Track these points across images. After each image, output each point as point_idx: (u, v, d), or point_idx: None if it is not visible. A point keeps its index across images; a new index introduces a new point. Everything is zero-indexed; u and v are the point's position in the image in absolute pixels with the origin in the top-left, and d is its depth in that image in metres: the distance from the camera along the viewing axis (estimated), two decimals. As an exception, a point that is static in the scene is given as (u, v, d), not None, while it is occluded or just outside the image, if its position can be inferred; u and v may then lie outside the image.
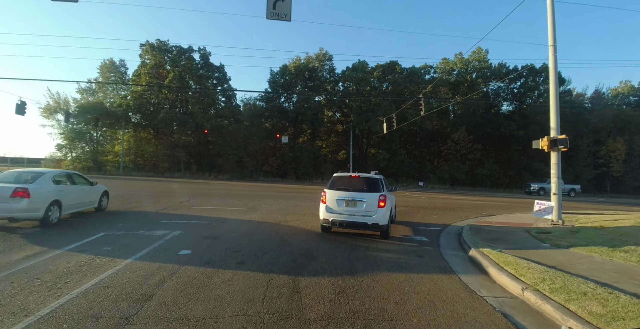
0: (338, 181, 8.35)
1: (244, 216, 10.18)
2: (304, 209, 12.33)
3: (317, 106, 43.41)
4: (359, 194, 7.79)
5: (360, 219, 7.55)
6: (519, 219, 12.35)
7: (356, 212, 7.64)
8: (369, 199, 7.64)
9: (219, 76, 45.54)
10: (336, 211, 7.80)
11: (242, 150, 42.56)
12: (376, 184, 8.06)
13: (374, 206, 7.56)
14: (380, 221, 7.50)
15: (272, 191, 21.23)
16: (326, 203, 7.99)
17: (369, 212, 7.55)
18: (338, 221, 7.68)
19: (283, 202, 14.60)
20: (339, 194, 7.89)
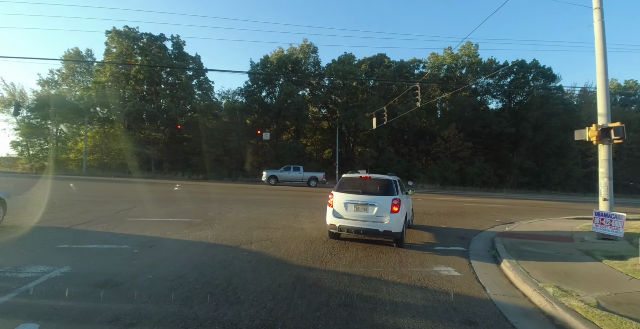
0: (347, 182, 7.49)
1: (192, 234, 7.25)
2: (279, 220, 9.51)
3: (301, 100, 40.53)
4: (369, 198, 6.90)
5: (370, 226, 6.68)
6: (545, 227, 9.92)
7: (366, 217, 6.79)
8: (380, 203, 6.77)
9: (194, 66, 42.04)
10: (344, 216, 6.96)
11: (220, 148, 39.29)
12: (389, 187, 7.05)
13: (386, 211, 6.68)
14: (393, 228, 6.56)
15: (248, 194, 18.28)
16: (333, 207, 7.14)
17: (381, 218, 6.68)
18: (346, 226, 6.83)
19: (256, 209, 11.72)
20: (348, 197, 7.04)
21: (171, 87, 41.19)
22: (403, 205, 6.99)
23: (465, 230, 9.60)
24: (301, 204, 13.56)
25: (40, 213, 8.95)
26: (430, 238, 8.18)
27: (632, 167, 44.93)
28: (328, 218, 7.17)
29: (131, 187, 19.65)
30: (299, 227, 8.42)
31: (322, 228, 8.42)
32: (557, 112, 42.56)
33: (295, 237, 7.19)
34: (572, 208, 18.51)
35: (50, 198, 12.06)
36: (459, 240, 8.07)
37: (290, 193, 20.05)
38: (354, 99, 41.90)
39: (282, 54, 41.72)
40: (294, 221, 9.29)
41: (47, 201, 11.36)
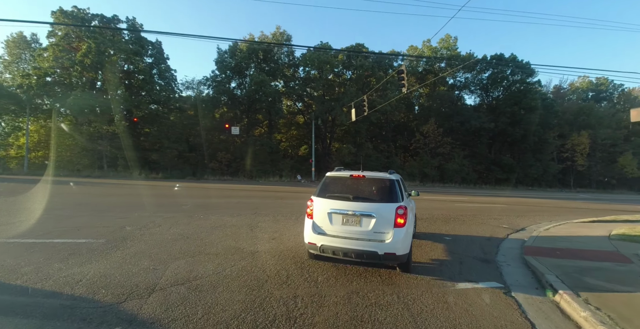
0: (332, 184, 5.28)
1: (59, 273, 4.34)
2: (224, 238, 6.72)
3: (274, 92, 37.41)
4: (364, 206, 4.77)
5: (365, 247, 4.52)
6: (567, 232, 7.74)
7: (360, 234, 4.65)
8: (380, 213, 4.66)
9: (154, 54, 37.91)
10: (328, 232, 4.81)
11: (184, 143, 35.55)
12: (391, 190, 4.94)
13: (388, 225, 4.59)
14: (398, 249, 4.45)
15: (206, 195, 15.23)
16: (313, 219, 4.97)
17: (380, 235, 4.56)
18: (331, 247, 4.65)
19: (202, 218, 8.86)
20: (333, 205, 4.88)
21: (126, 75, 36.88)
22: (410, 215, 4.96)
23: (476, 241, 7.23)
24: (267, 209, 10.79)
25: None
26: (440, 255, 5.70)
27: (605, 162, 45.32)
28: (306, 234, 4.96)
29: (61, 189, 16.05)
30: (250, 251, 5.66)
31: (284, 251, 5.73)
32: (535, 107, 41.99)
33: (236, 275, 4.44)
34: (571, 207, 16.90)
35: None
36: (480, 263, 5.63)
37: (260, 194, 17.17)
38: (330, 92, 39.33)
39: (253, 41, 38.38)
40: (245, 239, 6.53)
41: None
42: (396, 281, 4.45)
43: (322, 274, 4.57)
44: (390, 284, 4.34)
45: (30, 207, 9.74)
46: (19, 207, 9.73)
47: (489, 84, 46.57)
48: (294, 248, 5.91)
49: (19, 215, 8.36)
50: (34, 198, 11.84)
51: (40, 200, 11.28)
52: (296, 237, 6.76)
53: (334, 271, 4.74)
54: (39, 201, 10.94)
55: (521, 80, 44.74)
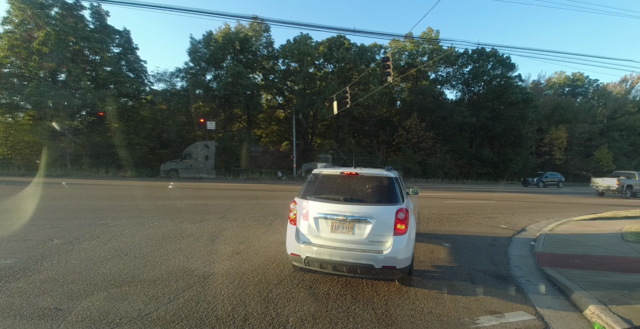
0: (320, 183, 4.31)
1: None
2: (174, 253, 5.33)
3: (252, 85, 35.61)
4: (358, 209, 3.83)
5: (359, 259, 3.63)
6: (574, 232, 6.83)
7: (353, 243, 3.76)
8: (377, 218, 3.75)
9: (122, 43, 35.29)
10: (315, 241, 3.89)
11: (155, 139, 33.30)
12: (390, 190, 3.96)
13: (386, 232, 3.71)
14: (399, 262, 3.59)
15: (169, 196, 13.62)
16: (297, 225, 4.08)
17: (378, 245, 3.70)
18: (318, 260, 3.75)
19: (155, 224, 7.42)
20: (321, 209, 3.94)
21: (91, 66, 34.16)
22: (412, 219, 4.17)
23: (480, 248, 6.16)
24: (237, 212, 9.41)
25: None
26: (445, 270, 4.55)
27: (581, 156, 46.24)
28: (289, 244, 4.10)
29: (3, 191, 14.00)
30: (202, 274, 4.30)
31: (247, 273, 4.42)
32: (515, 102, 42.16)
33: (171, 318, 3.09)
34: (562, 202, 16.38)
35: None
36: (494, 280, 4.53)
37: (234, 193, 15.68)
38: (312, 86, 37.94)
39: (229, 31, 36.34)
40: (200, 255, 5.17)
41: None
42: (397, 319, 3.23)
43: (294, 313, 3.29)
44: (390, 324, 3.12)
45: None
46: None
47: (470, 78, 46.48)
48: (260, 267, 4.61)
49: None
50: None
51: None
52: (266, 250, 5.46)
53: (310, 305, 3.47)
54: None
55: (502, 74, 44.83)
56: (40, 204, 10.29)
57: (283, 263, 4.78)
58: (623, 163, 44.86)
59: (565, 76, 55.39)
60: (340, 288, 3.90)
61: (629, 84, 54.16)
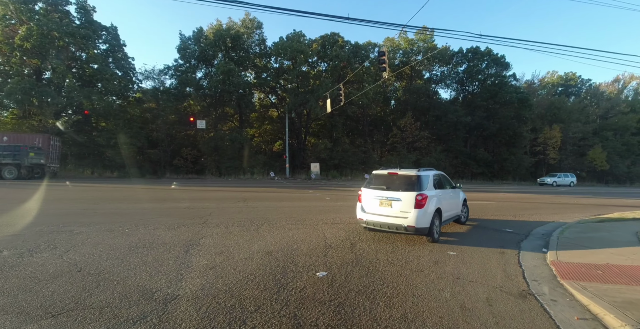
0: (375, 178, 7.31)
1: None
2: (138, 272, 4.58)
3: (244, 84, 34.75)
4: (394, 194, 6.67)
5: (394, 221, 6.49)
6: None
7: (390, 213, 6.60)
8: (405, 198, 6.49)
9: (109, 39, 34.17)
10: (370, 211, 6.90)
11: (144, 138, 32.25)
12: (415, 182, 6.63)
13: (410, 207, 6.38)
14: (417, 224, 6.24)
15: (152, 198, 12.80)
16: (362, 202, 7.14)
17: (405, 214, 6.39)
18: (372, 221, 6.81)
19: (126, 232, 6.68)
20: (374, 193, 6.93)
21: (76, 63, 33.03)
22: (432, 201, 6.59)
23: (490, 257, 5.51)
24: (221, 216, 8.66)
25: None
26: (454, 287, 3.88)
27: (575, 155, 46.19)
28: (357, 213, 7.16)
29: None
30: (163, 297, 3.53)
31: (219, 295, 3.71)
32: (511, 101, 41.88)
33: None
34: (561, 203, 15.89)
35: None
36: (514, 300, 3.86)
37: (222, 194, 14.88)
38: (305, 84, 37.15)
39: (221, 27, 35.40)
40: (168, 270, 4.41)
41: None
42: None
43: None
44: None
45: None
46: None
47: (464, 77, 46.14)
48: (237, 286, 3.87)
49: None
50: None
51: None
52: (247, 263, 4.73)
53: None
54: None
55: (496, 74, 44.58)
56: (7, 207, 9.42)
57: (265, 280, 4.07)
58: (617, 162, 44.97)
59: (558, 76, 55.46)
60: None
61: (621, 83, 54.42)
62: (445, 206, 7.26)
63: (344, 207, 11.21)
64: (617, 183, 46.99)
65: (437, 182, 7.32)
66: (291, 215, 9.05)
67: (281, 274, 4.23)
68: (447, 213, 7.38)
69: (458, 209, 8.42)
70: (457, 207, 8.35)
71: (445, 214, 7.24)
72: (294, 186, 22.58)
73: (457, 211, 8.39)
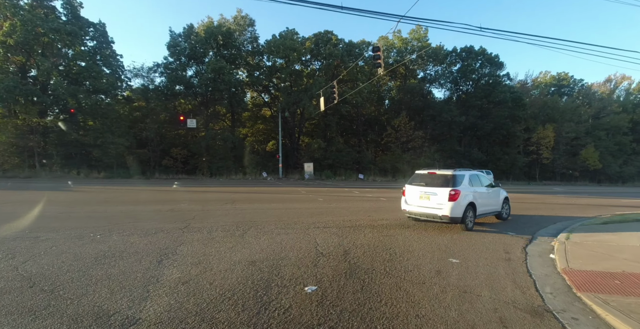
0: (417, 177, 8.67)
1: None
2: (99, 288, 4.00)
3: (236, 82, 34.07)
4: (431, 189, 7.96)
5: (431, 211, 7.88)
6: (594, 241, 5.80)
7: (429, 205, 7.94)
8: (440, 193, 7.75)
9: (96, 36, 33.23)
10: (412, 204, 8.31)
11: (132, 138, 31.38)
12: (450, 180, 7.91)
13: (444, 200, 7.66)
14: (451, 213, 7.54)
15: (134, 200, 12.15)
16: (405, 196, 8.55)
17: (440, 205, 7.69)
18: (413, 212, 8.29)
19: (97, 238, 6.10)
20: (415, 189, 8.28)
21: (63, 60, 32.03)
22: (465, 196, 7.74)
23: (497, 265, 5.04)
24: (205, 220, 8.08)
25: None
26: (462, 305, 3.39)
27: (568, 155, 46.31)
28: (402, 205, 8.60)
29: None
30: (122, 323, 2.92)
31: (188, 319, 3.14)
32: (505, 100, 41.81)
33: None
34: (560, 203, 15.60)
35: None
36: (530, 318, 3.38)
37: (210, 196, 14.27)
38: (298, 83, 36.60)
39: (212, 24, 34.66)
40: (134, 285, 3.86)
41: None
42: None
43: None
44: None
45: None
46: None
47: (459, 77, 45.96)
48: (210, 306, 3.31)
49: None
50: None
51: None
52: (226, 275, 4.18)
53: None
54: None
55: (490, 73, 44.50)
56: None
57: (245, 297, 3.53)
58: (609, 162, 45.19)
59: (551, 76, 55.68)
60: None
61: (613, 83, 54.81)
62: (480, 201, 8.34)
63: (338, 209, 10.70)
64: (609, 183, 47.27)
65: (473, 181, 8.47)
66: (281, 218, 8.51)
67: (264, 290, 3.69)
68: (482, 208, 8.46)
69: (497, 206, 9.39)
70: (497, 203, 9.33)
71: (481, 208, 8.37)
72: (286, 187, 22.04)
73: (497, 207, 9.36)
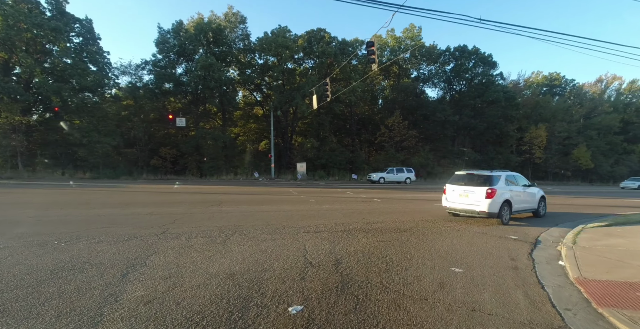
0: (457, 177, 9.58)
1: None
2: (45, 309, 3.44)
3: (227, 80, 33.35)
4: (470, 187, 8.88)
5: (470, 207, 8.81)
6: (604, 245, 5.37)
7: (467, 201, 8.88)
8: (478, 191, 8.67)
9: (83, 32, 32.22)
10: (452, 201, 9.27)
11: (119, 137, 30.46)
12: (487, 180, 8.83)
13: (482, 197, 8.56)
14: (487, 209, 8.45)
15: (116, 203, 11.46)
16: (446, 194, 9.48)
17: (478, 202, 8.62)
18: (453, 208, 9.28)
19: (62, 246, 5.52)
20: (455, 187, 9.22)
21: (47, 57, 30.99)
22: (501, 194, 8.64)
23: (504, 276, 4.57)
24: (186, 224, 7.48)
25: None
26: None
27: (560, 155, 46.47)
28: (442, 202, 9.57)
29: None
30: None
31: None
32: (498, 100, 41.74)
33: None
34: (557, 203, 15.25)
35: None
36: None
37: (196, 197, 13.64)
38: (291, 81, 36.04)
39: (202, 21, 33.86)
40: (83, 308, 3.26)
41: None
42: None
43: None
44: None
45: None
46: None
47: (452, 76, 45.80)
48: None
49: None
50: None
51: None
52: (198, 292, 3.60)
53: None
54: None
55: (483, 73, 44.42)
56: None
57: (216, 322, 2.96)
58: (601, 162, 45.47)
59: (543, 76, 55.92)
60: None
61: (604, 84, 55.26)
62: (516, 199, 9.26)
63: (330, 211, 10.17)
64: (601, 182, 47.59)
65: (509, 180, 9.37)
66: (269, 222, 7.94)
67: (240, 312, 3.14)
68: (518, 205, 9.37)
69: (534, 204, 10.23)
70: (533, 201, 10.18)
71: (516, 205, 9.28)
72: (278, 187, 21.46)
73: (533, 205, 10.21)
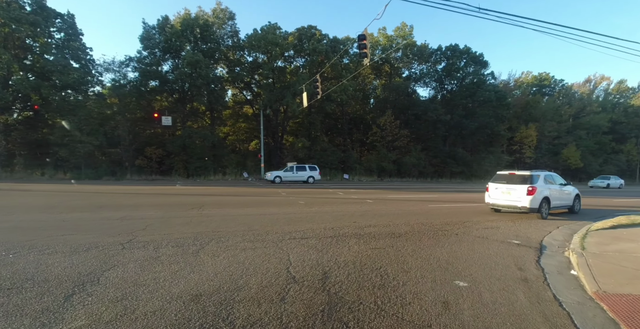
0: (499, 176, 10.62)
1: None
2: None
3: (215, 78, 32.44)
4: (512, 186, 9.84)
5: (512, 203, 9.78)
6: (614, 250, 4.89)
7: (509, 198, 9.86)
8: (520, 189, 9.60)
9: (64, 28, 30.98)
10: (495, 198, 10.28)
11: (102, 136, 29.30)
12: (527, 179, 9.76)
13: (523, 194, 9.49)
14: (528, 205, 9.40)
15: (85, 206, 10.61)
16: (489, 192, 10.56)
17: (519, 198, 9.58)
18: (497, 204, 10.24)
19: (9, 259, 4.71)
20: (498, 186, 10.22)
21: (27, 53, 29.71)
22: (540, 191, 9.57)
23: (514, 290, 4.03)
24: (159, 230, 6.76)
25: None
26: None
27: (550, 154, 46.75)
28: (485, 198, 10.68)
29: None
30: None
31: None
32: (489, 99, 41.70)
33: None
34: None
35: None
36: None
37: (176, 199, 12.84)
38: (281, 79, 35.29)
39: (189, 16, 32.86)
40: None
41: None
42: None
43: None
44: None
45: None
46: None
47: (443, 75, 45.63)
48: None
49: None
50: None
51: None
52: (149, 322, 2.92)
53: None
54: None
55: (475, 72, 44.34)
56: None
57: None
58: (590, 161, 45.86)
59: (532, 76, 56.30)
60: None
61: (592, 84, 55.89)
62: (554, 196, 10.18)
63: (319, 214, 9.53)
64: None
65: (547, 179, 10.28)
66: (252, 227, 7.27)
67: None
68: (555, 202, 10.29)
69: (569, 201, 11.20)
70: (569, 199, 11.15)
71: (554, 202, 10.20)
72: (266, 188, 20.75)
73: (569, 202, 11.17)
